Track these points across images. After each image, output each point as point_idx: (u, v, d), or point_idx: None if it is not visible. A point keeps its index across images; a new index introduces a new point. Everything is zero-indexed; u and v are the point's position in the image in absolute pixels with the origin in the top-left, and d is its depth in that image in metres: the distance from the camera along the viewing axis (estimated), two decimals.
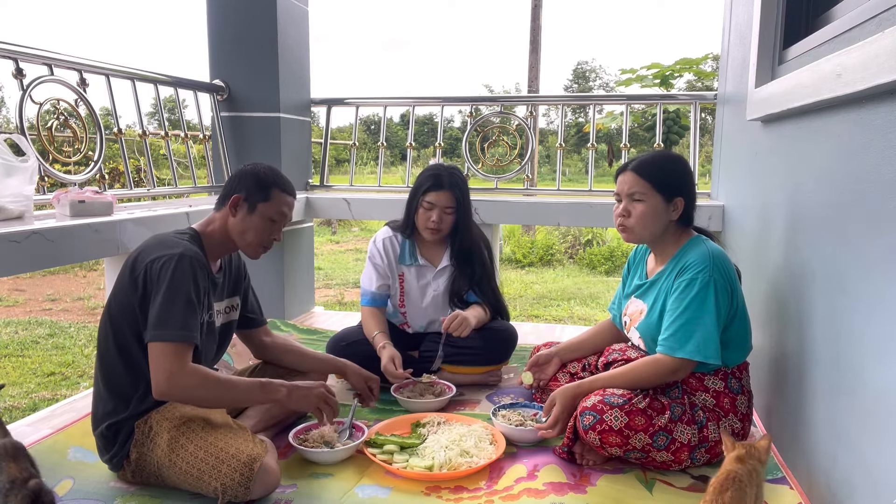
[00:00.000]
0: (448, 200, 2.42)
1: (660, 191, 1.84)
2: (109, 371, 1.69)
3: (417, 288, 2.57)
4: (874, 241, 1.31)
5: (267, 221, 1.82)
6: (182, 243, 1.68)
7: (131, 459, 1.67)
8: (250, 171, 1.84)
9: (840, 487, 1.45)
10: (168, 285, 1.59)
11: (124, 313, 1.66)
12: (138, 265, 1.65)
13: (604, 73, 42.32)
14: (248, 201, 1.80)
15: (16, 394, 3.56)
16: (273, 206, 1.82)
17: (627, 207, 1.87)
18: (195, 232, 1.80)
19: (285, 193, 1.85)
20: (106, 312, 1.72)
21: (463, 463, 1.77)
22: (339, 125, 27.25)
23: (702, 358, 1.74)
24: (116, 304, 1.69)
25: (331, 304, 5.81)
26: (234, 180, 1.84)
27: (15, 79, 2.30)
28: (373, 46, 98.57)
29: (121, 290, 1.67)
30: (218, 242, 1.82)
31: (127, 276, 1.67)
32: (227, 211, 1.80)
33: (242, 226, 1.80)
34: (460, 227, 2.48)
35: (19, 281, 6.64)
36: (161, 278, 1.60)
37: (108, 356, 1.69)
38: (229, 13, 3.48)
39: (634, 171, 1.87)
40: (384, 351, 2.33)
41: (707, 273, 1.76)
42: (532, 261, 8.54)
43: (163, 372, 1.57)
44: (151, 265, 1.63)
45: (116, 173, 7.11)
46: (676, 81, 11.94)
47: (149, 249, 1.68)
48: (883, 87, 1.23)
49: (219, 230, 1.82)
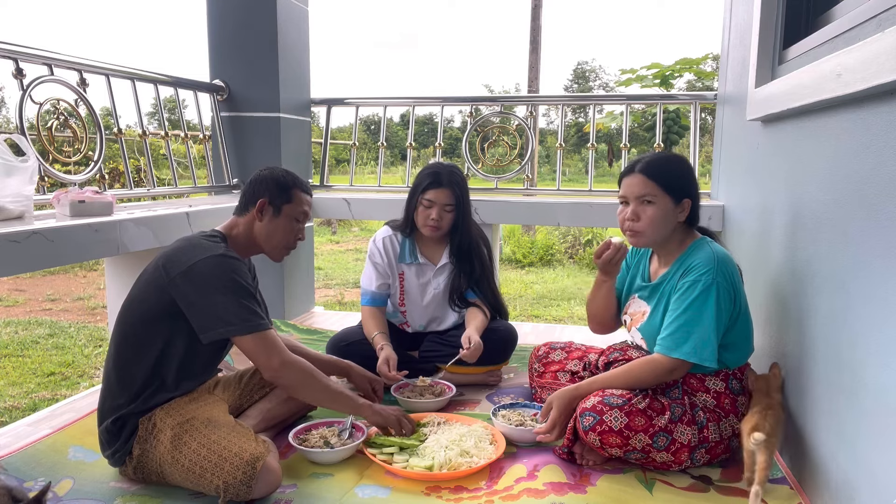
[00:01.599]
0: (447, 198, 2.42)
1: (669, 192, 1.82)
2: (125, 366, 1.71)
3: (417, 286, 2.57)
4: (875, 240, 1.31)
5: (292, 222, 1.88)
6: (221, 246, 1.75)
7: (133, 456, 1.69)
8: (269, 176, 1.88)
9: (840, 487, 1.45)
10: (230, 283, 1.67)
11: (153, 313, 1.69)
12: (174, 266, 1.68)
13: (604, 73, 42.38)
14: (273, 204, 1.85)
15: (16, 394, 3.56)
16: (296, 206, 1.88)
17: (636, 211, 1.84)
18: (223, 235, 1.84)
19: (305, 193, 1.91)
20: (128, 310, 1.74)
21: (463, 463, 1.77)
22: (339, 125, 27.29)
23: (697, 360, 1.74)
24: (144, 303, 1.71)
25: (331, 304, 5.81)
26: (256, 185, 1.88)
27: (15, 79, 2.30)
28: (373, 46, 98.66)
29: (152, 291, 1.70)
30: (243, 246, 1.87)
31: (161, 275, 1.69)
32: (253, 216, 1.85)
33: (269, 229, 1.86)
34: (460, 225, 2.48)
35: (19, 281, 6.64)
36: (217, 277, 1.67)
37: (127, 352, 1.71)
38: (229, 13, 3.48)
39: (643, 172, 1.83)
40: (381, 352, 2.33)
41: (710, 276, 1.76)
42: (532, 261, 8.54)
43: (275, 357, 1.69)
44: (196, 266, 1.66)
45: (116, 173, 7.11)
46: (676, 81, 11.93)
47: (184, 250, 1.71)
48: (883, 87, 1.23)
49: (243, 234, 1.86)
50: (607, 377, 1.84)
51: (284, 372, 1.71)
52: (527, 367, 2.49)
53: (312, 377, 1.77)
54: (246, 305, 1.68)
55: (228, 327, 1.66)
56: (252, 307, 1.69)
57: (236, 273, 1.69)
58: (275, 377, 1.73)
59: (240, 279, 1.69)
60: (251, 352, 1.70)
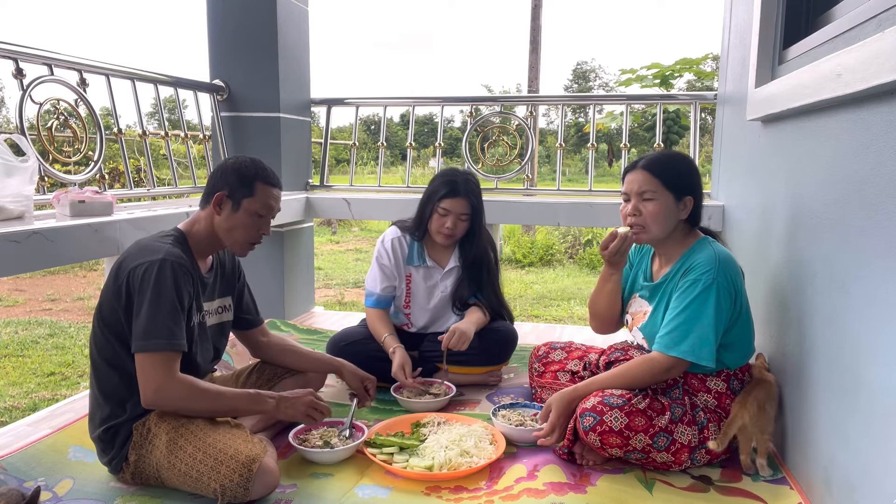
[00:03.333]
0: (464, 207, 2.42)
1: (670, 189, 1.83)
2: (103, 377, 1.68)
3: (425, 289, 2.57)
4: (875, 240, 1.31)
5: (253, 217, 1.76)
6: (164, 248, 1.64)
7: (130, 462, 1.67)
8: (231, 166, 1.76)
9: (840, 487, 1.45)
10: (151, 293, 1.56)
11: (112, 321, 1.65)
12: (121, 273, 1.63)
13: (604, 73, 42.38)
14: (232, 198, 1.74)
15: (16, 394, 3.56)
16: (258, 201, 1.75)
17: (638, 206, 1.86)
18: (180, 233, 1.76)
19: (269, 185, 1.78)
20: (96, 319, 1.70)
21: (463, 463, 1.77)
22: (339, 125, 27.24)
23: (694, 359, 1.74)
24: (105, 311, 1.66)
25: (331, 304, 5.81)
26: (216, 176, 1.77)
27: (15, 79, 2.30)
28: (373, 46, 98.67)
29: (107, 298, 1.65)
30: (205, 242, 1.78)
31: (111, 283, 1.64)
32: (212, 209, 1.74)
33: (228, 224, 1.75)
34: (474, 234, 2.49)
35: (19, 281, 6.64)
36: (143, 286, 1.57)
37: (100, 363, 1.68)
38: (229, 13, 3.48)
39: (645, 168, 1.85)
40: (395, 356, 2.33)
41: (711, 275, 1.76)
42: (532, 261, 8.54)
43: (151, 383, 1.56)
44: (133, 273, 1.60)
45: (116, 173, 7.12)
46: (676, 81, 11.94)
47: (131, 256, 1.65)
48: (883, 87, 1.23)
49: (204, 229, 1.77)
50: (605, 377, 1.84)
51: (163, 393, 1.57)
52: (527, 367, 2.49)
53: (199, 390, 1.62)
54: (158, 319, 1.55)
55: (135, 341, 1.57)
56: (165, 322, 1.56)
57: (161, 283, 1.57)
58: (150, 404, 1.60)
59: (164, 289, 1.57)
60: (137, 372, 1.58)
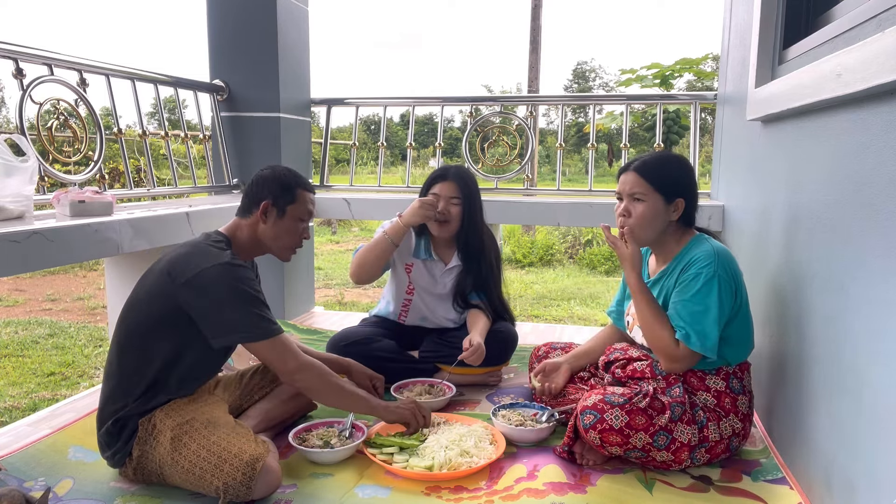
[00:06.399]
0: (452, 190, 2.43)
1: (660, 191, 1.85)
2: (130, 370, 1.71)
3: (424, 283, 2.58)
4: (874, 240, 1.31)
5: (297, 222, 1.87)
6: (226, 252, 1.74)
7: (133, 457, 1.68)
8: (271, 176, 1.86)
9: (840, 487, 1.45)
10: (237, 291, 1.66)
11: (158, 318, 1.69)
12: (183, 273, 1.66)
13: (604, 73, 42.41)
14: (277, 206, 1.83)
15: (16, 394, 3.56)
16: (300, 206, 1.86)
17: (628, 207, 1.88)
18: (226, 238, 1.83)
19: (308, 191, 1.89)
20: (131, 314, 1.73)
21: (463, 463, 1.77)
22: (339, 125, 27.24)
23: (700, 349, 1.75)
24: (149, 307, 1.70)
25: (331, 304, 5.81)
26: (258, 186, 1.85)
27: (15, 79, 2.30)
28: (373, 46, 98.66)
29: (156, 296, 1.69)
30: (247, 249, 1.86)
31: (167, 283, 1.68)
32: (257, 218, 1.83)
33: (275, 230, 1.84)
34: (467, 223, 2.48)
35: (19, 281, 6.64)
36: (227, 286, 1.66)
37: (131, 356, 1.71)
38: (229, 13, 3.48)
39: (636, 171, 1.87)
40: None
41: (712, 268, 1.77)
42: (532, 261, 8.54)
43: (291, 360, 1.72)
44: (202, 275, 1.65)
45: (116, 173, 7.11)
46: (676, 81, 11.96)
47: (194, 258, 1.69)
48: (883, 87, 1.23)
49: (247, 237, 1.85)
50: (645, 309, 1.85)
51: (300, 375, 1.74)
52: (527, 367, 2.49)
53: (328, 379, 1.79)
54: (256, 313, 1.68)
55: (241, 334, 1.68)
56: (262, 313, 1.70)
57: (242, 281, 1.68)
58: (292, 381, 1.76)
59: (246, 287, 1.69)
60: (266, 357, 1.73)
